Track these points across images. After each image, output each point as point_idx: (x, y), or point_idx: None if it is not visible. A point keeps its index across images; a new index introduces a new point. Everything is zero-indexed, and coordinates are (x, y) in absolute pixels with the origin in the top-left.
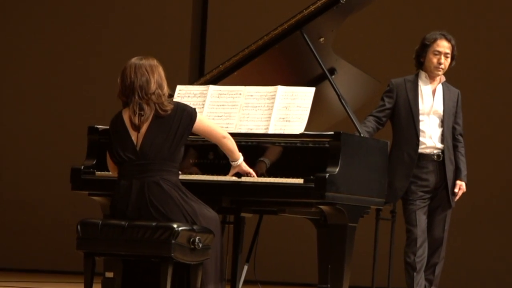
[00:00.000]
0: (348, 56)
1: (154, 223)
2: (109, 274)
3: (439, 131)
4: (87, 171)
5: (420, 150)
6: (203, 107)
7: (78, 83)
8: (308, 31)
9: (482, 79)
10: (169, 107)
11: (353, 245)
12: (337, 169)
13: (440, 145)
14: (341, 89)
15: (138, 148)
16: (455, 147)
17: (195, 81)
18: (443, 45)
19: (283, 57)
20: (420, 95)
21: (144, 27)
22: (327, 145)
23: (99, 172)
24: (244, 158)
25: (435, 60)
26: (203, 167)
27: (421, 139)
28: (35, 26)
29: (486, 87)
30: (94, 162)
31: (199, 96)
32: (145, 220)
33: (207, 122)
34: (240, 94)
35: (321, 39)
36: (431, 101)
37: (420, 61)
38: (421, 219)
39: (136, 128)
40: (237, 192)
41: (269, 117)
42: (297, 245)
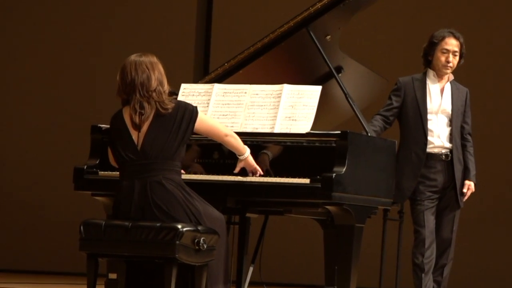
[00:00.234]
0: (355, 54)
1: (158, 224)
2: (113, 276)
3: (447, 130)
4: (90, 171)
5: (428, 150)
6: (208, 106)
7: (81, 82)
8: (315, 29)
9: (491, 78)
10: (170, 106)
11: (360, 246)
12: (344, 169)
13: (449, 145)
14: (348, 88)
15: (139, 148)
16: (464, 147)
17: (200, 80)
18: (452, 43)
19: (289, 55)
20: (428, 94)
21: (148, 25)
22: (334, 145)
23: (102, 172)
24: None
25: (443, 59)
26: (208, 167)
27: (429, 139)
28: (37, 25)
29: (495, 86)
30: (97, 162)
31: (204, 95)
32: (149, 221)
33: (209, 121)
34: (246, 93)
35: (328, 37)
36: (439, 100)
37: (428, 60)
38: (429, 220)
39: (137, 127)
40: (243, 192)
41: (275, 116)
42: (304, 246)
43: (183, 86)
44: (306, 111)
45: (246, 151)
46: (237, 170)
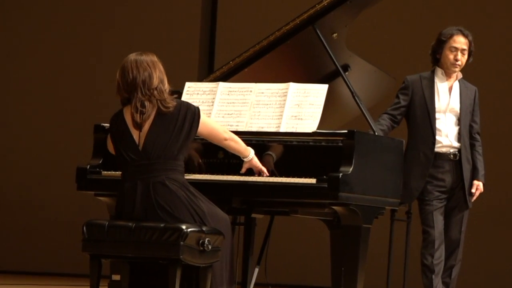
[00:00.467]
0: (362, 52)
1: (162, 224)
2: (116, 277)
3: (456, 130)
4: (93, 171)
5: (436, 149)
6: (213, 105)
7: (83, 81)
8: (321, 27)
9: (500, 76)
10: (172, 104)
11: (367, 247)
12: (351, 169)
13: (457, 144)
14: (355, 86)
15: (141, 148)
16: (472, 146)
17: (205, 78)
18: (460, 41)
19: (295, 53)
20: (436, 93)
21: (152, 23)
22: (341, 144)
23: (106, 172)
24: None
25: (452, 57)
26: (213, 167)
27: (437, 138)
28: (39, 24)
29: (504, 84)
30: (101, 162)
31: (209, 94)
32: (153, 221)
33: (210, 124)
34: (251, 91)
35: (334, 35)
36: (448, 99)
37: (436, 58)
38: (438, 220)
39: (138, 127)
40: (248, 192)
41: (281, 115)
42: (310, 247)
43: (188, 85)
44: (312, 110)
45: (250, 153)
46: (243, 171)
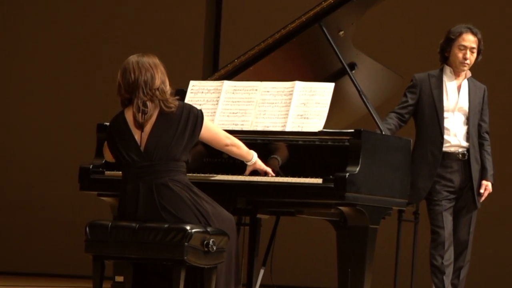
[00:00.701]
0: (369, 51)
1: (166, 225)
2: (119, 278)
3: (464, 129)
4: (96, 171)
5: (445, 149)
6: (218, 104)
7: (86, 80)
8: (327, 24)
9: (509, 74)
10: (174, 104)
11: (375, 248)
12: (358, 169)
13: (465, 144)
14: (362, 85)
15: (143, 149)
16: (481, 146)
17: (209, 77)
18: (469, 39)
19: (301, 52)
20: (445, 91)
21: (156, 21)
22: (347, 143)
23: (109, 172)
24: (260, 157)
25: (461, 55)
26: (217, 167)
27: (446, 137)
28: (41, 23)
29: None
30: (104, 161)
31: (213, 92)
32: (157, 222)
33: (212, 129)
34: (256, 90)
35: (341, 33)
36: (456, 98)
37: (445, 56)
38: (448, 221)
39: (140, 127)
40: (253, 193)
41: (287, 114)
42: (316, 248)
43: (192, 83)
44: (319, 109)
45: (253, 157)
46: (247, 174)
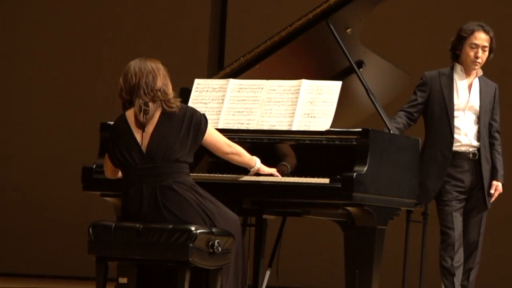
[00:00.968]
0: (377, 48)
1: (171, 226)
2: (123, 280)
3: (475, 128)
4: (100, 170)
5: (455, 148)
6: (223, 102)
7: (89, 79)
8: (334, 22)
9: None
10: (176, 104)
11: (382, 249)
12: (365, 168)
13: (476, 143)
14: (370, 83)
15: (145, 150)
16: (492, 145)
17: (214, 75)
18: (481, 38)
19: (308, 49)
20: (455, 90)
21: (161, 19)
22: (355, 143)
23: None
24: (266, 156)
25: (472, 54)
26: (223, 166)
27: (456, 137)
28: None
29: None
30: None
31: (219, 91)
32: (161, 223)
33: (214, 136)
34: (262, 89)
35: (348, 30)
36: (467, 96)
37: (456, 54)
38: (458, 222)
39: (141, 126)
40: (259, 193)
41: (293, 113)
42: (323, 249)
43: (197, 82)
44: (326, 108)
45: (256, 163)
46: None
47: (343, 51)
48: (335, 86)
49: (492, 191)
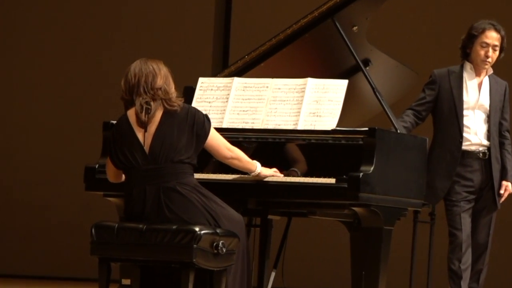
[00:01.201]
0: (384, 46)
1: (174, 226)
2: (126, 281)
3: (485, 127)
4: (102, 170)
5: (465, 147)
6: (227, 101)
7: (92, 79)
8: (340, 19)
9: None
10: (178, 103)
11: (389, 250)
12: (372, 168)
13: (486, 142)
14: (376, 82)
15: (147, 150)
16: (501, 145)
17: (219, 73)
18: (492, 37)
19: (314, 47)
20: (465, 88)
21: (165, 17)
22: (361, 142)
23: None
24: (271, 156)
25: (482, 53)
26: (227, 166)
27: (466, 136)
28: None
29: None
30: None
31: (223, 89)
32: (165, 223)
33: (216, 139)
34: (267, 87)
35: (355, 28)
36: (477, 95)
37: (466, 52)
38: (466, 223)
39: (143, 125)
40: (264, 193)
41: (299, 112)
42: (329, 250)
43: (201, 80)
44: (332, 107)
45: (256, 168)
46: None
47: (349, 49)
48: (341, 85)
49: (502, 191)
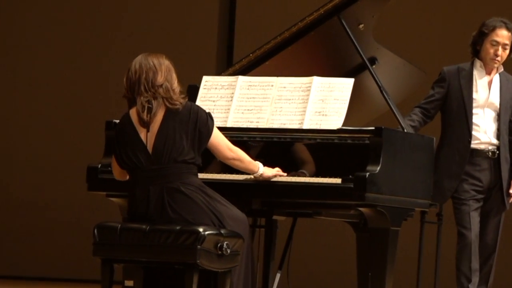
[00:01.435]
0: (390, 45)
1: (178, 227)
2: (129, 283)
3: (495, 126)
4: (105, 170)
5: (474, 146)
6: (232, 100)
7: (95, 78)
8: (347, 17)
9: None
10: (180, 102)
11: (396, 251)
12: (378, 168)
13: (496, 141)
14: (383, 80)
15: (150, 150)
16: (511, 144)
17: (223, 72)
18: (502, 35)
19: (319, 46)
20: (475, 86)
21: (168, 15)
22: (368, 142)
23: None
24: (276, 155)
25: (492, 51)
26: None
27: (475, 134)
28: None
29: None
30: None
31: (227, 88)
32: (168, 224)
33: (218, 140)
34: (272, 86)
35: (361, 26)
36: (487, 93)
37: (477, 49)
38: (475, 222)
39: (145, 125)
40: (269, 193)
41: (304, 111)
42: (334, 251)
43: (205, 79)
44: (338, 106)
45: (259, 168)
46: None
47: (356, 48)
48: (347, 84)
49: (511, 191)
